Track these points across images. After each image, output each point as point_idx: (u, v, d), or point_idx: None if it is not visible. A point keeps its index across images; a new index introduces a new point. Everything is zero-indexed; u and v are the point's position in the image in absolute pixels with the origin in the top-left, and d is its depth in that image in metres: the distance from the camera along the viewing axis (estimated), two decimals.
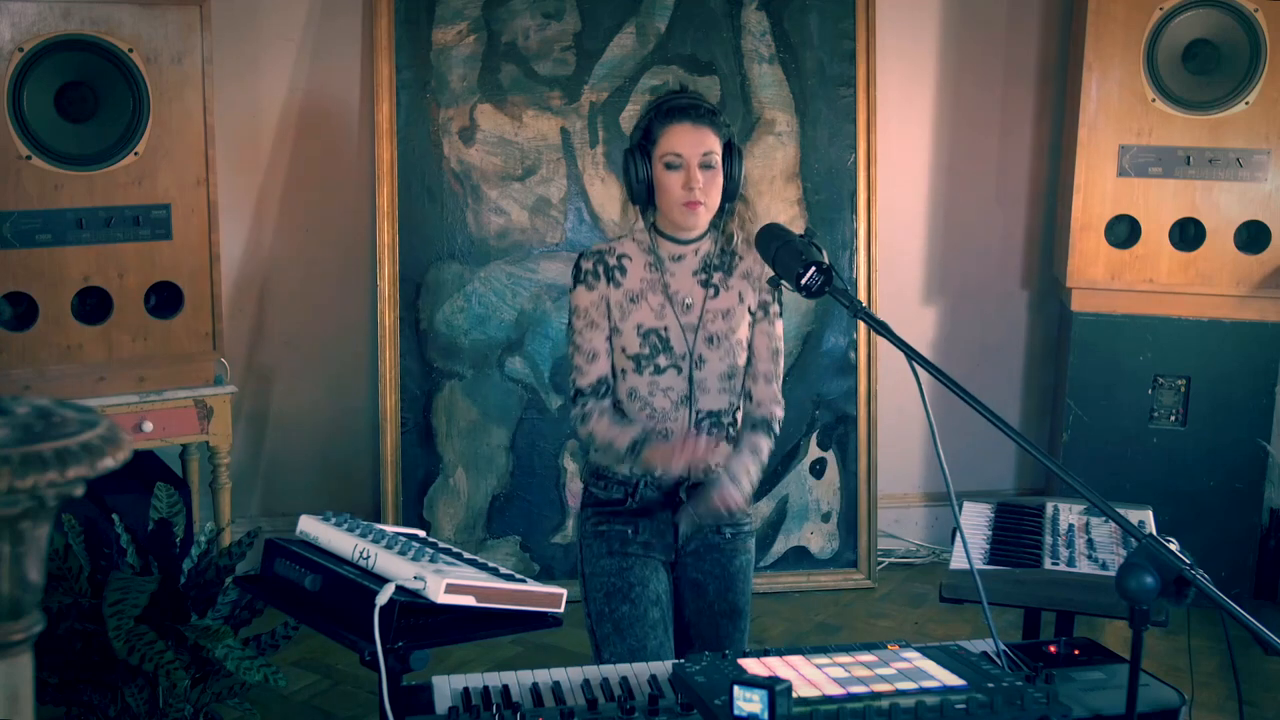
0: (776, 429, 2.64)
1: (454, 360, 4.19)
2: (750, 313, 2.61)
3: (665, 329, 2.56)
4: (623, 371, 2.58)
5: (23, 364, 3.43)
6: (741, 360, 2.60)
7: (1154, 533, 2.40)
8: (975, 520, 2.75)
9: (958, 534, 2.33)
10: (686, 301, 2.57)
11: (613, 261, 2.58)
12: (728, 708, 1.62)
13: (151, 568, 2.94)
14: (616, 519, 2.61)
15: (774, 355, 2.65)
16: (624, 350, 2.57)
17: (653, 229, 2.59)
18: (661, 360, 2.55)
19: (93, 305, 3.54)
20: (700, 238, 2.58)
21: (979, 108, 4.62)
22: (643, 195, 2.54)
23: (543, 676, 1.97)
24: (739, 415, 2.63)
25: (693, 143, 2.49)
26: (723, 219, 2.59)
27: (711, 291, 2.58)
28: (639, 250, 2.59)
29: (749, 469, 2.55)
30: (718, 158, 2.52)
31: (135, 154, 3.48)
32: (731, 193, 2.56)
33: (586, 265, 2.58)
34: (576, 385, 2.57)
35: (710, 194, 2.52)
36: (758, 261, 2.56)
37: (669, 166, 2.50)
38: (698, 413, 2.57)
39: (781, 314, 2.67)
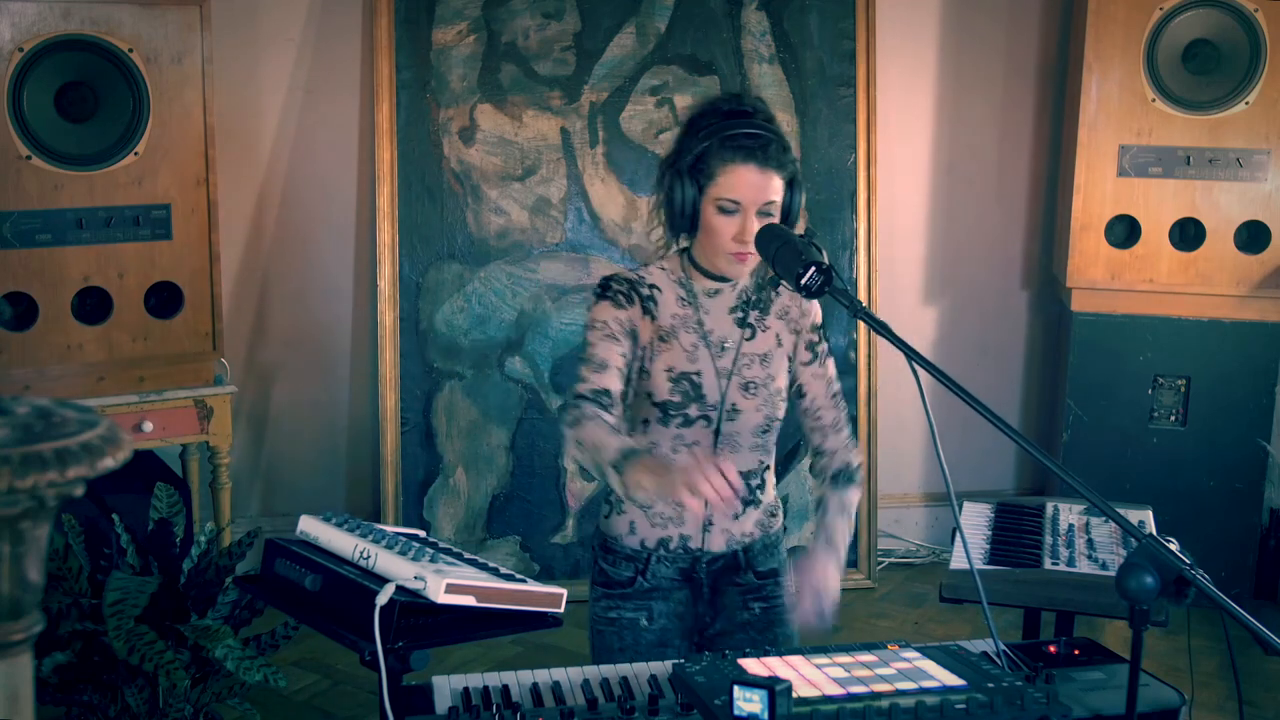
0: (859, 477, 2.36)
1: (454, 360, 4.19)
2: (789, 358, 2.32)
3: (698, 374, 2.22)
4: (644, 422, 2.25)
5: (23, 364, 3.43)
6: (780, 413, 2.30)
7: (1154, 533, 2.40)
8: (975, 520, 2.75)
9: (958, 534, 2.33)
10: (724, 344, 2.25)
11: (645, 291, 2.23)
12: (728, 708, 1.62)
13: (151, 568, 2.94)
14: (626, 604, 2.30)
15: (835, 399, 2.36)
16: (650, 397, 2.23)
17: (687, 257, 2.26)
18: (693, 410, 2.23)
19: (93, 305, 3.54)
20: None
21: (979, 108, 4.62)
22: (684, 225, 2.19)
23: (543, 676, 1.96)
24: (768, 477, 2.35)
25: (755, 188, 2.13)
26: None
27: (748, 332, 2.27)
28: (669, 281, 2.26)
29: (845, 533, 2.28)
30: (778, 206, 2.17)
31: (135, 154, 3.48)
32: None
33: (619, 286, 2.22)
34: (575, 390, 2.16)
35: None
36: (795, 300, 2.31)
37: (722, 211, 2.14)
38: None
39: (831, 352, 2.39)
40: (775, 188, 2.15)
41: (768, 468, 2.34)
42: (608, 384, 2.15)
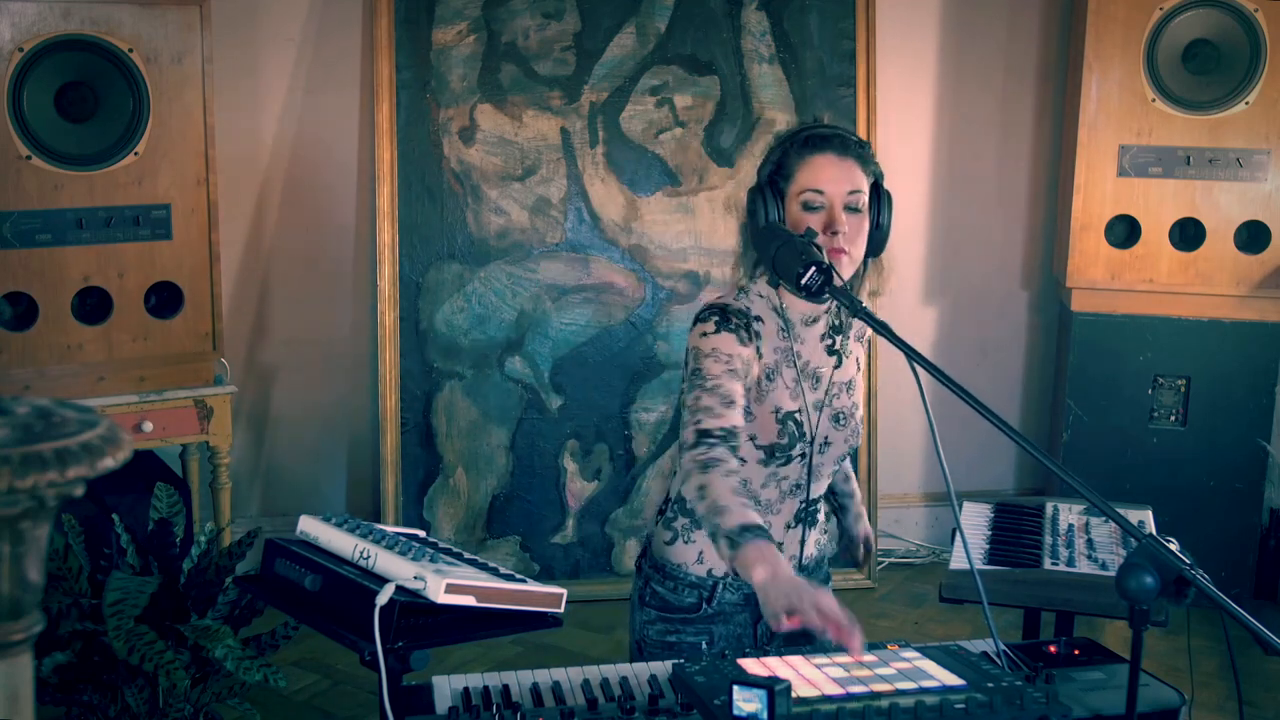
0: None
1: (454, 360, 4.19)
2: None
3: (800, 411, 2.15)
4: (741, 461, 2.12)
5: (23, 364, 3.43)
6: (860, 440, 2.28)
7: (1154, 533, 2.40)
8: (975, 520, 2.75)
9: (958, 534, 2.33)
10: (817, 375, 2.19)
11: (756, 328, 2.13)
12: (727, 708, 1.62)
13: (151, 568, 2.94)
14: (687, 629, 2.24)
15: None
16: (754, 440, 2.13)
17: (778, 282, 2.15)
18: (797, 449, 2.16)
19: (93, 305, 3.54)
20: None
21: (979, 108, 4.62)
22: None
23: (543, 676, 1.96)
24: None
25: (837, 178, 2.08)
26: (856, 278, 2.21)
27: (835, 360, 2.22)
28: (767, 310, 2.16)
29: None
30: (865, 199, 2.11)
31: (135, 154, 3.48)
32: (878, 245, 2.17)
33: (738, 320, 2.11)
34: (702, 426, 2.01)
35: (855, 243, 2.12)
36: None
37: (807, 207, 2.09)
38: (802, 503, 2.24)
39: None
40: (858, 178, 2.10)
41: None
42: (736, 422, 2.04)
